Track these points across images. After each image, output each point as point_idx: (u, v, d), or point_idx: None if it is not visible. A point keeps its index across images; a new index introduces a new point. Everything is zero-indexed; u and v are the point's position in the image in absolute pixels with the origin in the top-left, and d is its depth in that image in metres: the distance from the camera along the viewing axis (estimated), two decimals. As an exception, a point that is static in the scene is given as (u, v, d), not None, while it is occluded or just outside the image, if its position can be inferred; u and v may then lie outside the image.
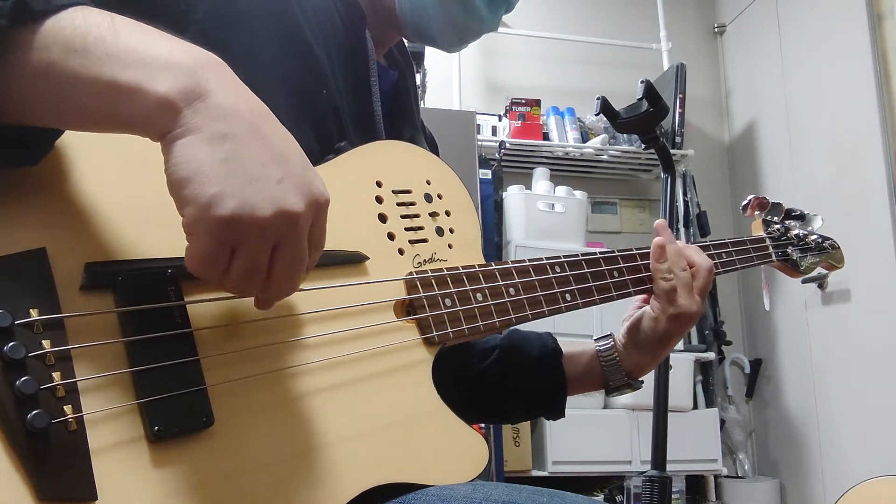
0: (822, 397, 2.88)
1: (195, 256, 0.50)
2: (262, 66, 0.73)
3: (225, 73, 0.52)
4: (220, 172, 0.48)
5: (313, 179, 0.53)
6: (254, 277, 0.52)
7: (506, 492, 0.62)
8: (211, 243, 0.49)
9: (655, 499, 1.26)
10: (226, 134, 0.49)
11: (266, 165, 0.50)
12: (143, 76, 0.47)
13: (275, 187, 0.50)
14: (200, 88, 0.49)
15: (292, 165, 0.52)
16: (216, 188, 0.48)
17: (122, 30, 0.49)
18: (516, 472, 2.60)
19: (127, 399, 0.51)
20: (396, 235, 0.74)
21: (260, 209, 0.49)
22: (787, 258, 1.14)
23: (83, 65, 0.47)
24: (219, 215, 0.48)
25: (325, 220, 0.55)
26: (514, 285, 0.78)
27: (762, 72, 3.35)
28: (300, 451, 0.59)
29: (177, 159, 0.48)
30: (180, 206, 0.49)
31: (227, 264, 0.50)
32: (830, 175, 2.87)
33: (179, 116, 0.48)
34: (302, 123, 0.75)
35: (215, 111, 0.49)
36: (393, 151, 0.78)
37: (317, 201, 0.53)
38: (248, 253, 0.50)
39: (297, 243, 0.52)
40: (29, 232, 0.50)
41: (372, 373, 0.66)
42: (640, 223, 3.41)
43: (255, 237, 0.49)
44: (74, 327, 0.50)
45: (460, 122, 2.73)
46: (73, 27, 0.47)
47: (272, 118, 0.53)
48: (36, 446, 0.46)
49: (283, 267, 0.52)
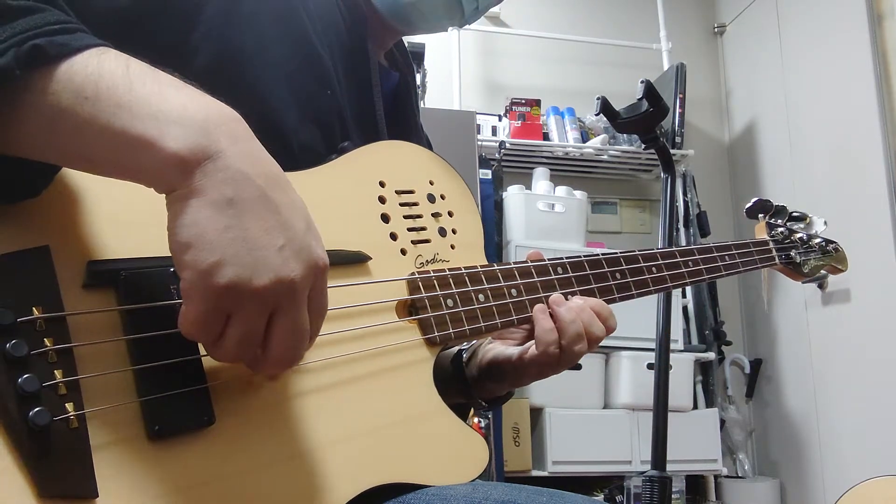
0: (822, 397, 2.88)
1: (189, 320, 0.49)
2: (268, 66, 0.73)
3: (239, 129, 0.51)
4: (222, 240, 0.47)
5: (314, 244, 0.52)
6: (249, 346, 0.51)
7: (505, 491, 0.62)
8: (205, 309, 0.48)
9: (655, 499, 1.26)
10: (232, 199, 0.48)
11: (269, 233, 0.49)
12: (153, 130, 0.47)
13: (275, 255, 0.49)
14: (212, 148, 0.48)
15: (295, 231, 0.51)
16: (216, 256, 0.47)
17: (136, 78, 0.48)
18: (516, 472, 2.60)
19: (128, 397, 0.51)
20: (399, 236, 0.74)
21: (258, 278, 0.48)
22: (790, 261, 1.14)
23: (93, 113, 0.46)
24: (216, 283, 0.47)
25: (324, 285, 0.54)
26: (516, 286, 0.78)
27: (762, 72, 3.35)
28: (301, 450, 0.59)
29: (180, 221, 0.48)
30: (179, 269, 0.48)
31: (222, 331, 0.50)
32: (830, 175, 2.87)
33: (188, 176, 0.47)
34: (307, 123, 0.75)
35: (224, 173, 0.48)
36: (396, 151, 0.78)
37: (315, 266, 0.52)
38: (243, 320, 0.49)
39: (296, 310, 0.51)
40: (32, 230, 0.50)
41: (373, 373, 0.66)
42: (641, 223, 3.41)
43: (250, 305, 0.49)
44: (76, 325, 0.50)
45: (460, 122, 2.73)
46: (87, 74, 0.47)
47: (281, 180, 0.52)
48: (37, 443, 0.46)
49: (283, 335, 0.51)
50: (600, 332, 0.81)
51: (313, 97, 0.76)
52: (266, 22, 0.74)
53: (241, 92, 0.53)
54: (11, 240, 0.49)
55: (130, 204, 0.55)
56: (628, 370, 2.76)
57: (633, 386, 2.74)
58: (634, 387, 2.73)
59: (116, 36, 0.51)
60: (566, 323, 0.78)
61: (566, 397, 2.70)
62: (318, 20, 0.80)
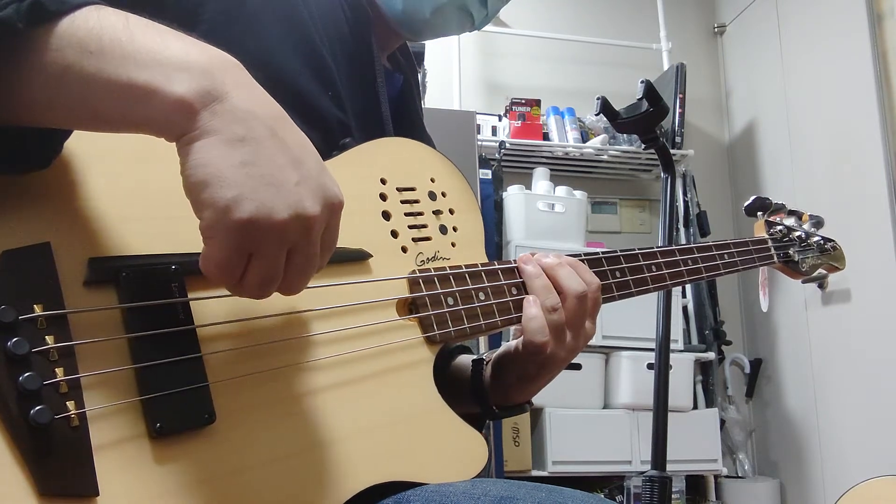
0: (822, 397, 2.88)
1: (212, 261, 0.49)
2: (270, 66, 0.73)
3: (241, 74, 0.51)
4: (239, 176, 0.48)
5: (329, 182, 0.53)
6: (270, 284, 0.51)
7: (504, 488, 0.62)
8: (229, 249, 0.48)
9: (655, 499, 1.26)
10: (243, 136, 0.48)
11: (283, 169, 0.50)
12: (159, 77, 0.47)
13: (292, 191, 0.50)
14: (217, 90, 0.48)
15: (308, 168, 0.51)
16: (235, 191, 0.47)
17: (137, 30, 0.48)
18: (516, 472, 2.60)
19: (129, 395, 0.51)
20: (400, 233, 0.74)
21: (278, 212, 0.48)
22: (788, 259, 1.14)
23: (99, 66, 0.46)
24: (237, 219, 0.47)
25: (338, 222, 0.55)
26: (516, 284, 0.78)
27: (762, 72, 3.35)
28: (301, 448, 0.59)
29: (194, 162, 0.47)
30: (198, 210, 0.48)
31: (244, 270, 0.50)
32: (830, 175, 2.87)
33: (197, 118, 0.48)
34: (308, 124, 0.75)
35: (233, 113, 0.48)
36: (397, 149, 0.78)
37: (332, 204, 0.53)
38: (266, 259, 0.50)
39: (311, 246, 0.52)
40: (33, 227, 0.50)
41: (373, 370, 0.66)
42: (640, 223, 3.41)
43: (272, 242, 0.49)
44: (78, 323, 0.50)
45: (460, 122, 2.72)
46: (88, 28, 0.47)
47: (289, 121, 0.53)
48: (38, 442, 0.46)
49: (295, 269, 0.52)
50: (578, 286, 0.77)
51: (315, 98, 0.76)
52: (268, 22, 0.74)
53: None
54: (12, 237, 0.49)
55: (132, 201, 0.55)
56: (628, 370, 2.76)
57: (633, 386, 2.74)
58: (634, 387, 2.73)
59: None
60: (531, 278, 0.76)
61: (566, 397, 2.70)
62: (319, 20, 0.80)
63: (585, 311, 0.78)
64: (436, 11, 0.86)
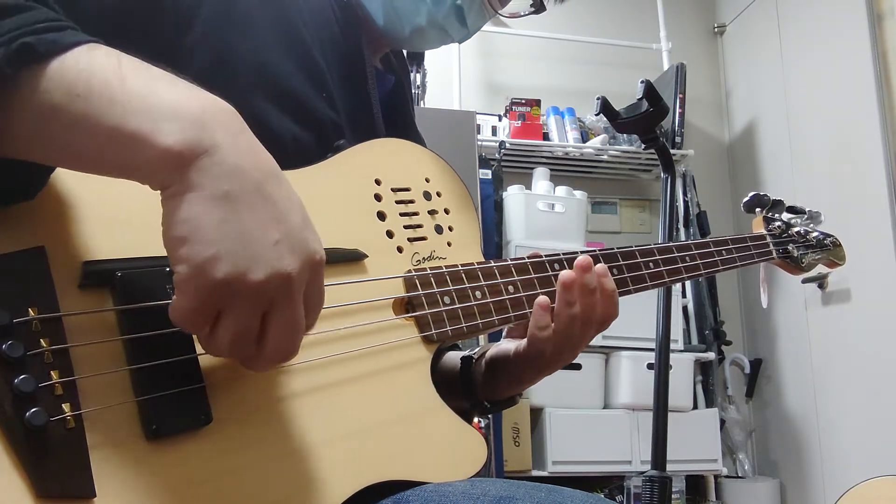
0: (822, 397, 2.88)
1: (179, 311, 0.48)
2: (264, 68, 0.73)
3: (234, 122, 0.50)
4: (217, 234, 0.47)
5: (310, 238, 0.52)
6: (244, 343, 0.50)
7: (503, 487, 0.62)
8: (196, 302, 0.48)
9: (655, 499, 1.26)
10: (228, 192, 0.48)
11: (264, 226, 0.49)
12: (147, 126, 0.46)
13: (270, 249, 0.49)
14: (207, 142, 0.47)
15: (291, 225, 0.50)
16: (212, 250, 0.47)
17: (128, 73, 0.47)
18: (516, 472, 2.60)
19: (125, 397, 0.51)
20: (395, 233, 0.74)
21: (253, 273, 0.48)
22: (788, 255, 1.14)
23: (85, 110, 0.45)
24: (211, 278, 0.47)
25: (321, 279, 0.53)
26: (513, 283, 0.78)
27: (762, 72, 3.35)
28: (298, 448, 0.59)
29: (176, 217, 0.47)
30: (174, 264, 0.48)
31: (212, 324, 0.49)
32: (830, 175, 2.86)
33: (182, 171, 0.47)
34: (302, 125, 0.75)
35: (220, 168, 0.48)
36: (392, 149, 0.78)
37: (311, 259, 0.51)
38: (236, 317, 0.49)
39: (292, 305, 0.51)
40: (27, 230, 0.50)
41: (370, 370, 0.66)
42: (640, 223, 3.41)
43: (244, 301, 0.48)
44: (73, 325, 0.50)
45: (460, 122, 2.73)
46: (77, 70, 0.46)
47: (278, 174, 0.52)
48: (34, 444, 0.46)
49: (279, 330, 0.51)
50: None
51: (308, 100, 0.76)
52: (261, 24, 0.74)
53: (235, 96, 0.53)
54: (7, 241, 0.49)
55: (126, 204, 0.55)
56: (628, 370, 2.76)
57: (633, 386, 2.74)
58: (634, 387, 2.73)
59: (108, 38, 0.51)
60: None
61: (566, 397, 2.70)
62: (310, 21, 0.80)
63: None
64: (415, 31, 0.87)
